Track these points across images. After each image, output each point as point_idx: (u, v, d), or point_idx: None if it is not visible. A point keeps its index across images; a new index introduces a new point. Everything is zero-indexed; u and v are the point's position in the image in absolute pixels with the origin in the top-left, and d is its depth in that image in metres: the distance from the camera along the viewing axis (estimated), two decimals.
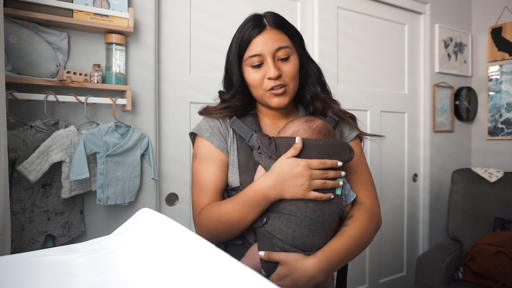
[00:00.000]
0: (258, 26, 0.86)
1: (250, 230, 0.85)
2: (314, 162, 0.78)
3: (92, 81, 1.38)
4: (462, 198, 2.47)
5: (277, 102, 0.87)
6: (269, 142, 0.81)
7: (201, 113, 0.97)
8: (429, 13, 2.50)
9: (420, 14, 2.51)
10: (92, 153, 1.32)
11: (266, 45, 0.85)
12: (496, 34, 2.65)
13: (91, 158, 1.34)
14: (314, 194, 0.77)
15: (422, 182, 2.55)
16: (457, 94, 2.67)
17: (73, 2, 1.32)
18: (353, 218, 0.86)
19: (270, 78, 0.85)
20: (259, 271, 0.80)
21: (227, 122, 0.93)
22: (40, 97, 1.26)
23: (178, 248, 0.53)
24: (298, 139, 0.79)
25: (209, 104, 1.00)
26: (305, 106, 0.98)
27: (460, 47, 2.70)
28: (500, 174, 2.42)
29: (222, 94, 0.97)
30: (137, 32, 1.50)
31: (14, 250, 1.20)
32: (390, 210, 2.39)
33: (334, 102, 0.98)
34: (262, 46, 0.85)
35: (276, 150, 0.81)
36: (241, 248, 0.87)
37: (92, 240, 0.67)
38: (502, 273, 1.91)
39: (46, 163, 1.23)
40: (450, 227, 2.46)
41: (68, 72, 1.31)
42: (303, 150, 0.79)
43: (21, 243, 1.24)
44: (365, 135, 0.98)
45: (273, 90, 0.86)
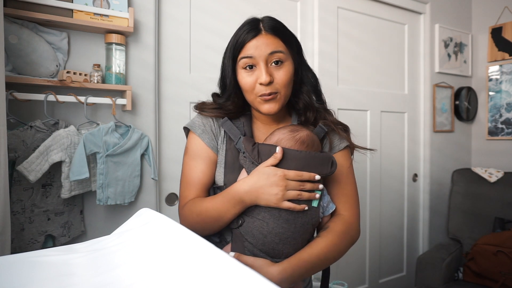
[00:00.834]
0: (253, 30, 0.86)
1: (228, 229, 0.87)
2: (291, 173, 0.78)
3: (92, 81, 1.38)
4: (462, 198, 2.47)
5: (267, 108, 0.88)
6: (252, 148, 0.82)
7: (196, 107, 0.98)
8: (429, 13, 2.50)
9: (420, 14, 2.51)
10: (92, 153, 1.32)
11: (259, 49, 0.85)
12: (496, 34, 2.65)
13: (91, 158, 1.34)
14: (287, 204, 0.77)
15: (422, 182, 2.55)
16: (457, 94, 2.67)
17: (73, 2, 1.32)
18: (327, 230, 0.85)
19: (261, 84, 0.85)
20: None
21: (220, 121, 0.94)
22: (40, 97, 1.26)
23: (178, 248, 0.53)
24: (279, 149, 0.79)
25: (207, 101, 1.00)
26: (298, 114, 0.98)
27: (460, 47, 2.69)
28: (500, 174, 2.42)
29: (216, 98, 0.97)
30: (137, 32, 1.50)
31: (14, 250, 1.20)
32: (390, 210, 2.39)
33: (328, 113, 0.97)
34: (255, 49, 0.85)
35: (258, 156, 0.81)
36: (218, 245, 0.88)
37: (92, 240, 0.67)
38: (502, 273, 1.91)
39: (46, 163, 1.23)
40: (450, 227, 2.46)
41: (68, 72, 1.31)
42: (283, 160, 0.79)
43: (21, 243, 1.23)
44: (355, 148, 0.98)
45: (263, 96, 0.86)
